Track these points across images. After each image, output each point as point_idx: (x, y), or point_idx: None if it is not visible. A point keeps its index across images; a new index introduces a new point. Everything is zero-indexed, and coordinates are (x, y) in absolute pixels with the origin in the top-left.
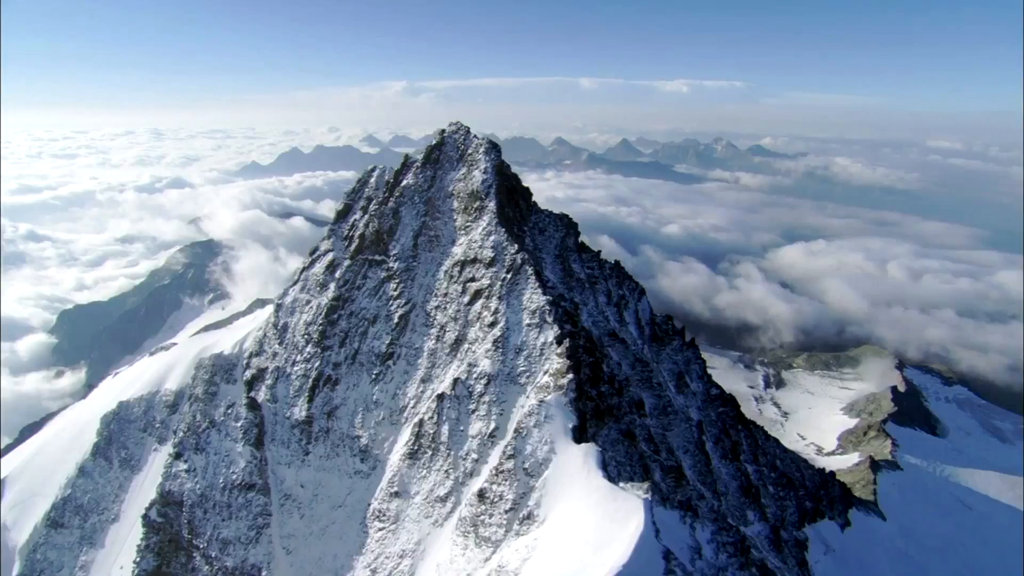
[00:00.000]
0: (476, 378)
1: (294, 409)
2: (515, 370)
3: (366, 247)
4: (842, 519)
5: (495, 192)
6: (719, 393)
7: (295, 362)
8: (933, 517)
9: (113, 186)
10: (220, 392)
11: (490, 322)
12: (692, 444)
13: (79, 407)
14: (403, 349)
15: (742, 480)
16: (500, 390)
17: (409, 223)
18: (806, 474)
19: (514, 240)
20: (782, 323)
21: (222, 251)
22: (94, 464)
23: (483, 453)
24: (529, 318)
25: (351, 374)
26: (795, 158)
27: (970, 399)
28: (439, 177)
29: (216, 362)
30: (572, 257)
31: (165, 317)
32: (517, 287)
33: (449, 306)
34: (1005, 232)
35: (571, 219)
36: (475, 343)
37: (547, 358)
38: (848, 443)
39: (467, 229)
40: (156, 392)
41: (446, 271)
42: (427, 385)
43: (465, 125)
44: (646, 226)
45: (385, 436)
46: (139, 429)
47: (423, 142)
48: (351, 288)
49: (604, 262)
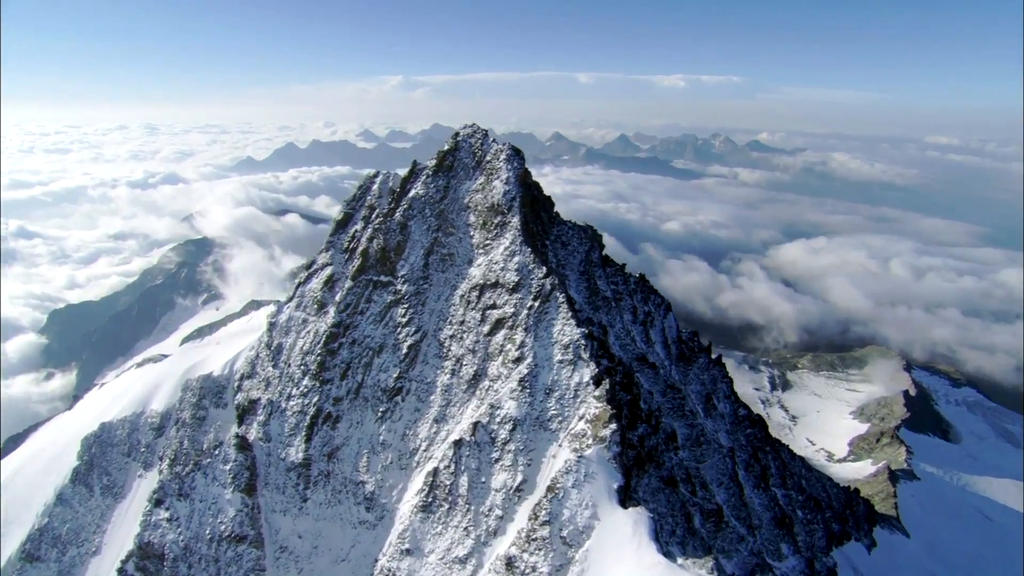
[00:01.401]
0: (500, 422)
1: (290, 450)
2: (545, 414)
3: (370, 266)
4: (868, 539)
5: (519, 206)
6: (747, 414)
7: (290, 396)
8: (956, 531)
9: (106, 182)
10: (209, 417)
11: (515, 357)
12: (726, 476)
13: (62, 421)
14: (413, 384)
15: (775, 511)
16: (528, 437)
17: (419, 239)
18: (831, 493)
19: (541, 260)
20: (786, 323)
21: (216, 249)
22: (73, 491)
23: (508, 509)
24: (561, 353)
25: (354, 411)
26: (793, 153)
27: (980, 401)
28: (453, 187)
29: (205, 384)
30: (597, 273)
31: (158, 318)
32: (546, 317)
33: (466, 336)
34: (1005, 229)
35: (595, 231)
36: (497, 381)
37: (582, 401)
38: (860, 449)
39: (486, 248)
40: (141, 413)
41: (462, 296)
42: (441, 426)
43: (482, 128)
44: (646, 223)
45: (394, 483)
46: (122, 453)
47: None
48: (353, 313)
49: (629, 276)
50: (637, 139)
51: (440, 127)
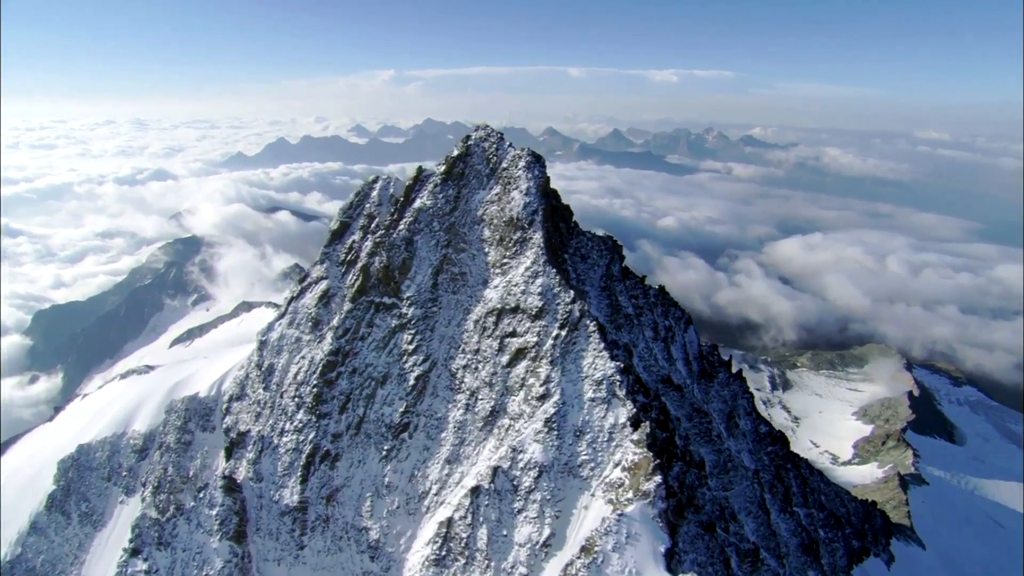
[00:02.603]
0: (523, 468)
1: (284, 491)
2: (575, 459)
3: (371, 286)
4: (886, 554)
5: (541, 220)
6: (768, 431)
7: (284, 431)
8: (969, 540)
9: (92, 178)
10: (196, 441)
11: (540, 394)
12: (754, 504)
13: (40, 436)
14: (421, 419)
15: (803, 537)
16: (556, 485)
17: (426, 256)
18: (850, 508)
19: (567, 283)
20: (784, 321)
21: (205, 248)
22: (49, 519)
23: (535, 567)
24: (592, 390)
25: (355, 448)
26: (786, 148)
27: (981, 400)
28: (464, 197)
29: (190, 406)
30: (618, 288)
31: (146, 319)
32: (575, 348)
33: (481, 367)
34: (999, 224)
35: (616, 241)
36: (519, 419)
37: (618, 445)
38: (865, 452)
39: (504, 267)
40: (122, 434)
41: (477, 321)
42: (454, 467)
43: (497, 131)
44: (641, 219)
45: (401, 529)
46: (102, 478)
47: (412, 132)
48: (353, 339)
49: (648, 289)
50: (630, 134)
51: (433, 122)
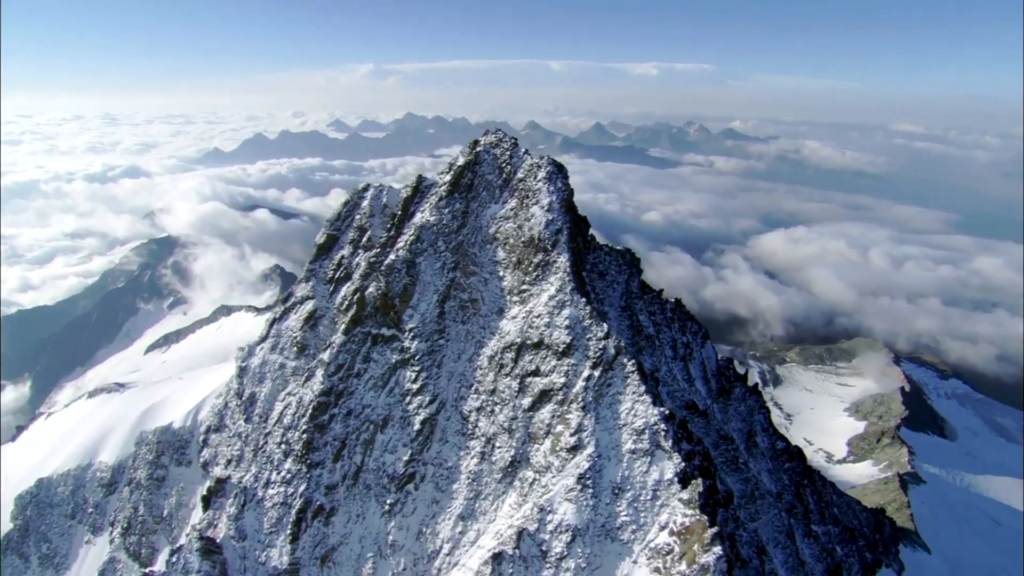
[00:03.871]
0: (553, 531)
1: (271, 551)
2: (613, 520)
3: (367, 316)
4: (896, 564)
5: (566, 241)
6: (785, 447)
7: (270, 482)
8: (970, 540)
9: (60, 175)
10: (170, 477)
11: (571, 445)
12: (782, 534)
13: (2, 458)
14: (429, 468)
15: (827, 562)
16: (592, 551)
17: (431, 281)
18: (861, 519)
19: (598, 313)
20: (772, 315)
21: (180, 249)
22: (5, 563)
23: None
24: (633, 440)
25: (352, 501)
26: (767, 141)
27: (968, 394)
28: (474, 212)
29: (163, 438)
30: (638, 306)
31: (120, 324)
32: (610, 391)
33: (499, 410)
34: (975, 216)
35: (634, 255)
36: (546, 473)
37: (664, 504)
38: (860, 450)
39: (523, 294)
40: (88, 466)
41: (492, 357)
42: (468, 524)
43: (511, 136)
44: (626, 214)
45: None
46: (65, 515)
47: (393, 127)
48: (347, 376)
49: (665, 303)
50: (612, 127)
51: (414, 116)
